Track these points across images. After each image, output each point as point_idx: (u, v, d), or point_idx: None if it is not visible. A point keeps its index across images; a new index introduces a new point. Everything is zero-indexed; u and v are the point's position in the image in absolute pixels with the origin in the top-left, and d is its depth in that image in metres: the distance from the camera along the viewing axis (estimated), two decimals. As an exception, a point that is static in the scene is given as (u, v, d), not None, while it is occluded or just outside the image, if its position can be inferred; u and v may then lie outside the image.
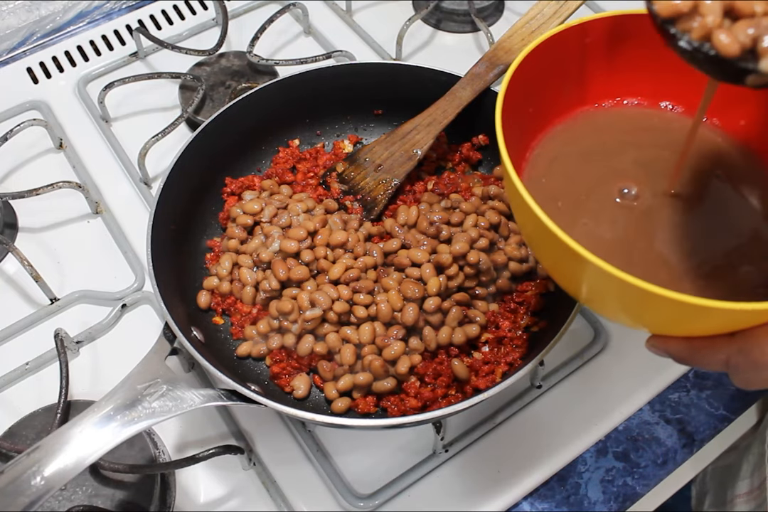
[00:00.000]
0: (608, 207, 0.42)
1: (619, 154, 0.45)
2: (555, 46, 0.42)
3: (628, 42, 0.44)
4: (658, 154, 0.44)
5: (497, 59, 0.61)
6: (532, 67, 0.41)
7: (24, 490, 0.41)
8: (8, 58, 0.82)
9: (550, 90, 0.44)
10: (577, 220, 0.42)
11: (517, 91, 0.40)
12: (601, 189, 0.43)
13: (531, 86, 0.42)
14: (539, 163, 0.44)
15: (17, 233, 0.70)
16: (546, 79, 0.43)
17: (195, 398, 0.48)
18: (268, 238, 0.59)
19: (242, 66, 0.79)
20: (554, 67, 0.43)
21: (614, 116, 0.46)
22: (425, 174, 0.66)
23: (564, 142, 0.45)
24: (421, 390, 0.54)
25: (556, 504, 0.56)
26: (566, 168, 0.44)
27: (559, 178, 0.43)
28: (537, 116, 0.45)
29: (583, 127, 0.46)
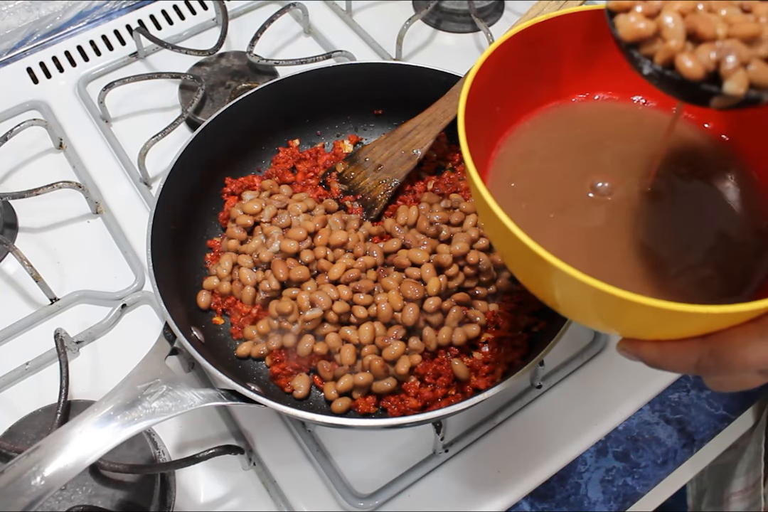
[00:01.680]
0: (576, 205, 0.42)
1: (589, 150, 0.44)
2: (521, 42, 0.41)
3: (597, 37, 0.42)
4: (630, 149, 0.44)
5: (497, 59, 0.61)
6: (498, 65, 0.40)
7: (24, 490, 0.41)
8: (8, 58, 0.82)
9: (518, 87, 0.43)
10: (544, 221, 0.41)
11: (483, 90, 0.40)
12: (568, 187, 0.42)
13: (497, 84, 0.41)
14: (506, 162, 0.43)
15: (17, 233, 0.70)
16: (513, 76, 0.42)
17: (195, 398, 0.48)
18: (268, 238, 0.59)
19: (242, 66, 0.79)
20: (521, 63, 0.42)
21: (585, 111, 0.46)
22: (425, 174, 0.66)
23: (532, 138, 0.44)
24: (421, 390, 0.54)
25: (556, 504, 0.56)
26: (534, 166, 0.43)
27: (526, 177, 0.43)
28: (504, 114, 0.44)
29: (551, 122, 0.45)
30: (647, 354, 0.36)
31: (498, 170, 0.43)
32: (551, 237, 0.39)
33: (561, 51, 0.43)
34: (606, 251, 0.40)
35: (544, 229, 0.40)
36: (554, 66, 0.43)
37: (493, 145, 0.44)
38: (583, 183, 0.42)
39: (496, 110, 0.43)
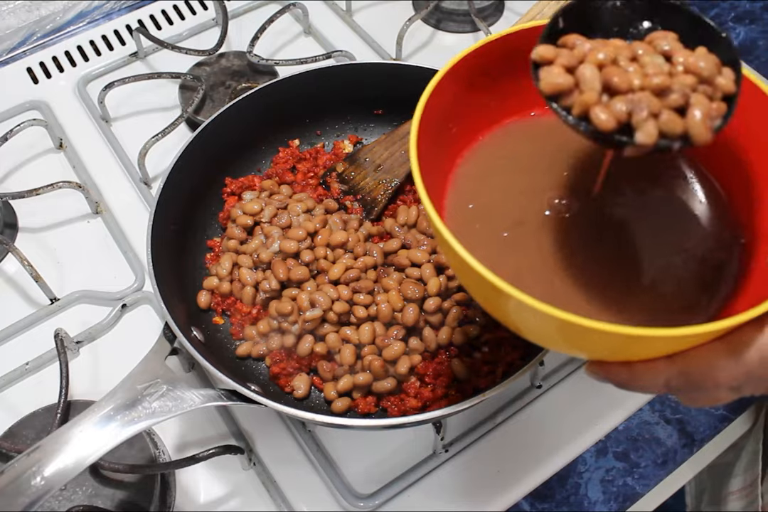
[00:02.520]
0: (531, 224, 0.41)
1: (548, 166, 0.43)
2: (474, 62, 0.41)
3: None
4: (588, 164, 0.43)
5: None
6: (452, 86, 0.40)
7: (24, 490, 0.41)
8: (8, 58, 0.82)
9: (474, 105, 0.43)
10: (498, 241, 0.40)
11: (437, 112, 0.39)
12: (524, 205, 0.41)
13: (452, 104, 0.41)
14: (465, 182, 0.43)
15: (17, 233, 0.70)
16: (468, 94, 0.42)
17: (195, 398, 0.48)
18: (268, 239, 0.59)
19: (242, 66, 0.79)
20: (475, 82, 0.42)
21: (543, 125, 0.45)
22: (425, 174, 0.66)
23: (490, 156, 0.44)
24: (421, 390, 0.54)
25: (556, 504, 0.56)
26: (492, 184, 0.43)
27: (483, 197, 0.42)
28: (461, 133, 0.43)
29: (510, 138, 0.44)
30: (616, 377, 0.36)
31: (456, 191, 0.42)
32: (505, 258, 0.39)
33: (516, 66, 0.41)
34: (563, 272, 0.39)
35: (499, 250, 0.40)
36: (510, 81, 0.42)
37: (452, 165, 0.43)
38: (539, 200, 0.42)
39: (452, 130, 0.42)
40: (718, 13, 0.88)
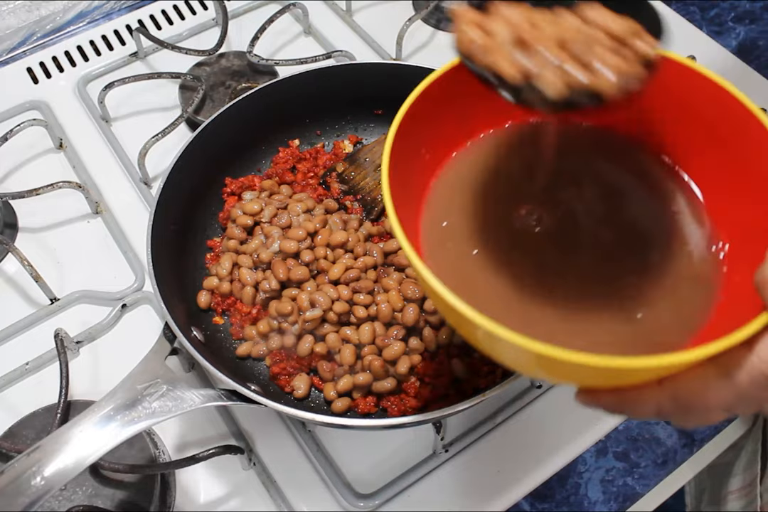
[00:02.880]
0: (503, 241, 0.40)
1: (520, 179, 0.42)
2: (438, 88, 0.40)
3: None
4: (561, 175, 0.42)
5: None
6: (421, 109, 0.40)
7: (24, 490, 0.41)
8: (8, 58, 0.82)
9: (444, 125, 0.42)
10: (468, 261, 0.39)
11: (407, 141, 0.38)
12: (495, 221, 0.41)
13: (422, 131, 0.40)
14: (438, 201, 0.42)
15: (17, 233, 0.70)
16: (437, 116, 0.41)
17: (195, 398, 0.48)
18: (268, 239, 0.59)
19: (242, 66, 0.79)
20: (444, 103, 0.41)
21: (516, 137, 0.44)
22: (425, 174, 0.66)
23: (462, 172, 0.43)
24: (421, 390, 0.54)
25: (556, 504, 0.56)
26: (463, 201, 0.42)
27: (455, 215, 0.41)
28: (432, 154, 0.43)
29: (482, 153, 0.44)
30: (606, 404, 0.35)
31: (430, 209, 0.42)
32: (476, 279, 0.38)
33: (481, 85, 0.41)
34: (536, 293, 0.38)
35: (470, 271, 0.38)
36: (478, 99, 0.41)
37: (426, 184, 0.42)
38: (510, 215, 0.41)
39: (425, 155, 0.42)
40: (718, 13, 0.88)
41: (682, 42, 0.82)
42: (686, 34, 0.83)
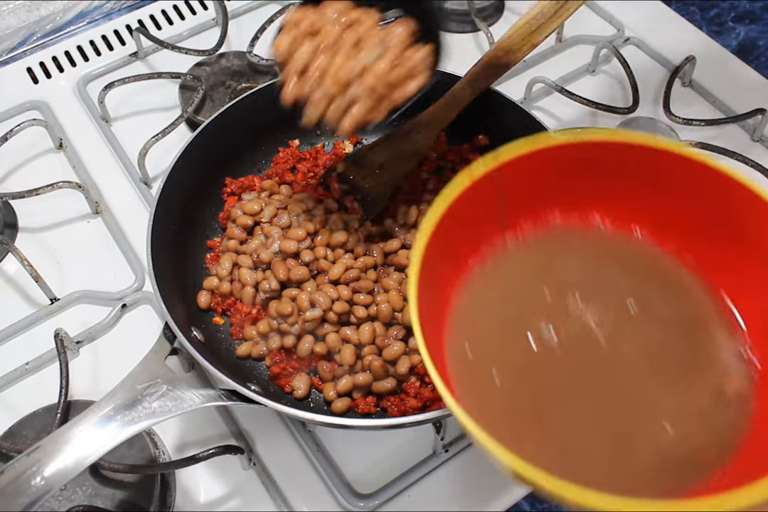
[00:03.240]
0: (525, 363, 0.39)
1: (538, 289, 0.41)
2: (463, 203, 0.40)
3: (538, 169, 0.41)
4: (583, 283, 0.41)
5: (497, 59, 0.61)
6: (444, 227, 0.39)
7: (24, 490, 0.41)
8: (8, 58, 0.82)
9: (461, 240, 0.41)
10: (497, 394, 0.38)
11: (430, 265, 0.38)
12: (514, 339, 0.39)
13: (441, 251, 0.39)
14: (459, 317, 0.41)
15: (17, 233, 0.70)
16: (458, 231, 0.40)
17: (195, 398, 0.48)
18: (268, 239, 0.59)
19: (242, 66, 0.79)
20: (467, 218, 0.40)
21: (532, 244, 0.44)
22: (425, 174, 0.66)
23: (480, 285, 0.42)
24: (421, 390, 0.54)
25: (556, 504, 0.56)
26: (483, 316, 0.41)
27: (476, 334, 0.40)
28: (451, 270, 0.42)
29: (500, 262, 0.43)
30: None
31: (452, 328, 0.40)
32: (505, 413, 0.37)
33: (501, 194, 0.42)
34: (560, 426, 0.37)
35: (500, 404, 0.37)
36: (494, 208, 0.42)
37: (447, 301, 0.41)
38: (528, 330, 0.40)
39: (444, 270, 0.41)
40: (718, 13, 0.88)
41: (682, 42, 0.82)
42: (686, 34, 0.83)
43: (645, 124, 0.74)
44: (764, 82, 0.79)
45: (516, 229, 0.44)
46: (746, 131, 0.76)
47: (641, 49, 0.83)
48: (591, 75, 0.81)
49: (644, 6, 0.86)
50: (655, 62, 0.81)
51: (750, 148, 0.74)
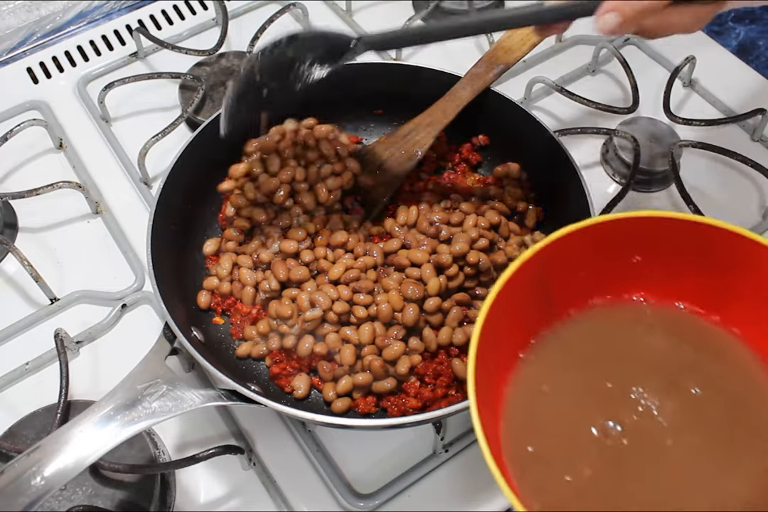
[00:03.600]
0: (590, 462, 0.38)
1: (597, 377, 0.41)
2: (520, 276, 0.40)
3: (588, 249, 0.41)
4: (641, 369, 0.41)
5: (497, 59, 0.61)
6: (495, 316, 0.39)
7: (24, 490, 0.41)
8: (8, 58, 0.82)
9: (513, 330, 0.41)
10: (563, 491, 0.37)
11: (488, 334, 0.38)
12: (577, 436, 0.39)
13: (496, 336, 0.39)
14: (514, 409, 0.40)
15: (17, 233, 0.70)
16: (507, 321, 0.40)
17: (195, 398, 0.48)
18: (268, 239, 0.59)
19: (242, 66, 0.79)
20: (514, 307, 0.40)
21: (584, 327, 0.43)
22: (425, 174, 0.66)
23: (533, 374, 0.41)
24: (421, 390, 0.54)
25: (556, 504, 0.56)
26: (541, 410, 0.40)
27: (537, 427, 0.40)
28: (508, 345, 0.42)
29: (550, 349, 0.42)
30: None
31: (509, 419, 0.40)
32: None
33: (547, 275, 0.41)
34: None
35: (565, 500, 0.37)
36: (544, 290, 0.42)
37: (500, 395, 0.41)
38: (592, 425, 0.39)
39: (494, 359, 0.40)
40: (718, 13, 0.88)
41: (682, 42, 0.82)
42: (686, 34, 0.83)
43: (645, 124, 0.74)
44: (764, 82, 0.79)
45: (562, 316, 0.43)
46: (746, 131, 0.76)
47: (641, 49, 0.83)
48: (591, 75, 0.81)
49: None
50: (655, 62, 0.81)
51: (750, 148, 0.74)
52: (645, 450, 0.38)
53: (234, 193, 0.61)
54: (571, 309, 0.44)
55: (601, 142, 0.75)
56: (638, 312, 0.44)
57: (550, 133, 0.60)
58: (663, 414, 0.39)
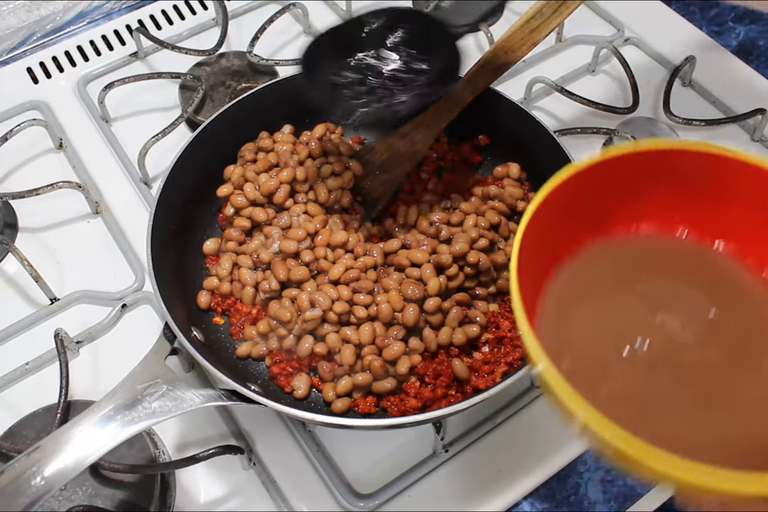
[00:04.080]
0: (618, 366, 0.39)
1: (637, 292, 0.42)
2: (577, 181, 0.41)
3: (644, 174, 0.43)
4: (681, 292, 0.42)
5: (497, 59, 0.61)
6: (550, 205, 0.40)
7: (24, 490, 0.41)
8: (8, 58, 0.82)
9: (564, 225, 0.42)
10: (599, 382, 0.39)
11: (532, 234, 0.39)
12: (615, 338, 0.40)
13: (545, 226, 0.40)
14: (551, 309, 0.41)
15: (17, 233, 0.70)
16: (561, 215, 0.41)
17: (195, 398, 0.48)
18: (268, 239, 0.59)
19: (242, 66, 0.79)
20: (572, 202, 0.41)
21: (628, 246, 0.45)
22: (425, 174, 0.66)
23: (575, 278, 0.43)
24: (421, 390, 0.54)
25: (556, 504, 0.56)
26: (582, 312, 0.42)
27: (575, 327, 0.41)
28: (550, 254, 0.43)
29: (594, 260, 0.44)
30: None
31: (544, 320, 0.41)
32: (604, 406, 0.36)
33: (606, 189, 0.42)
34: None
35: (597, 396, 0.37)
36: (599, 202, 0.43)
37: (539, 288, 0.42)
38: (621, 342, 0.40)
39: (541, 254, 0.41)
40: (718, 13, 0.88)
41: (682, 42, 0.82)
42: (686, 34, 0.83)
43: (645, 124, 0.74)
44: (764, 82, 0.79)
45: (607, 232, 0.45)
46: (746, 131, 0.76)
47: (641, 49, 0.83)
48: (591, 75, 0.81)
49: (644, 6, 0.86)
50: (655, 62, 0.81)
51: (750, 148, 0.74)
52: (671, 366, 0.39)
53: (234, 193, 0.61)
54: (617, 228, 0.45)
55: (601, 142, 0.75)
56: (676, 244, 0.45)
57: (550, 133, 0.60)
58: (686, 335, 0.40)
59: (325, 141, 0.64)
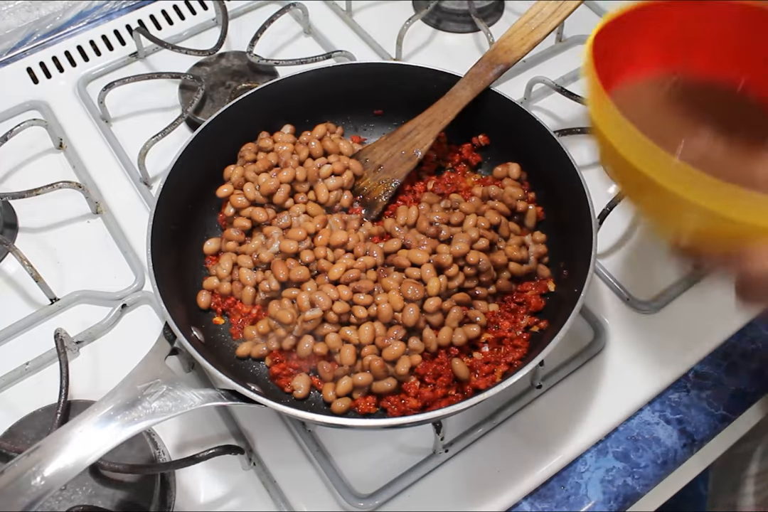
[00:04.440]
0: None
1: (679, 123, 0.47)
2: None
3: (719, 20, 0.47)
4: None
5: (497, 59, 0.61)
6: (634, 19, 0.45)
7: (24, 490, 0.41)
8: (8, 58, 0.82)
9: (636, 46, 0.47)
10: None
11: (612, 34, 0.44)
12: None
13: (625, 35, 0.45)
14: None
15: (17, 233, 0.70)
16: (639, 34, 0.46)
17: (195, 398, 0.48)
18: (268, 239, 0.59)
19: (242, 66, 0.79)
20: (651, 26, 0.46)
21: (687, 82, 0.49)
22: (425, 174, 0.66)
23: (641, 93, 0.48)
24: (421, 390, 0.54)
25: (556, 504, 0.56)
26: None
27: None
28: (618, 63, 0.47)
29: (655, 86, 0.49)
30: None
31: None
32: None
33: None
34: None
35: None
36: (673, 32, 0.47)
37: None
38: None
39: (613, 57, 0.45)
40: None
41: (682, 42, 0.82)
42: None
43: (645, 123, 0.74)
44: None
45: (674, 64, 0.49)
46: None
47: (641, 49, 0.83)
48: (591, 75, 0.81)
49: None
50: (655, 62, 0.81)
51: None
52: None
53: (234, 193, 0.61)
54: (681, 60, 0.49)
55: (601, 142, 0.75)
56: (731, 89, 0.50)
57: (550, 133, 0.60)
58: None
59: (325, 141, 0.64)
